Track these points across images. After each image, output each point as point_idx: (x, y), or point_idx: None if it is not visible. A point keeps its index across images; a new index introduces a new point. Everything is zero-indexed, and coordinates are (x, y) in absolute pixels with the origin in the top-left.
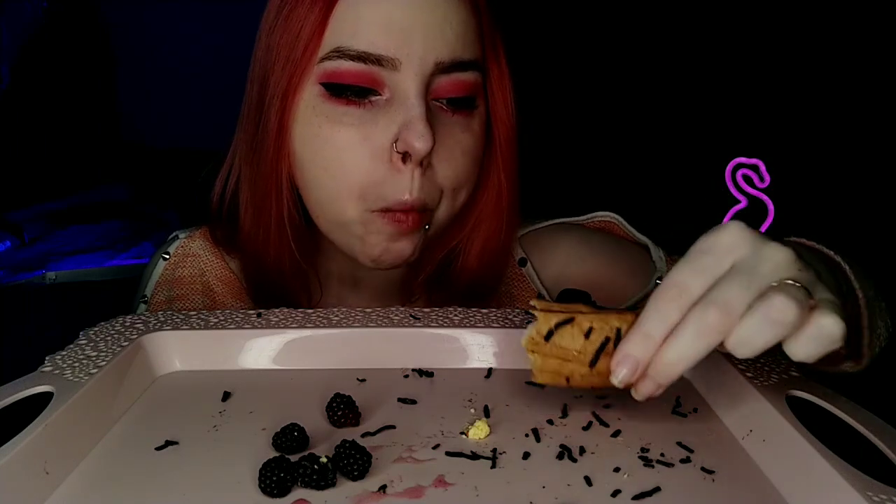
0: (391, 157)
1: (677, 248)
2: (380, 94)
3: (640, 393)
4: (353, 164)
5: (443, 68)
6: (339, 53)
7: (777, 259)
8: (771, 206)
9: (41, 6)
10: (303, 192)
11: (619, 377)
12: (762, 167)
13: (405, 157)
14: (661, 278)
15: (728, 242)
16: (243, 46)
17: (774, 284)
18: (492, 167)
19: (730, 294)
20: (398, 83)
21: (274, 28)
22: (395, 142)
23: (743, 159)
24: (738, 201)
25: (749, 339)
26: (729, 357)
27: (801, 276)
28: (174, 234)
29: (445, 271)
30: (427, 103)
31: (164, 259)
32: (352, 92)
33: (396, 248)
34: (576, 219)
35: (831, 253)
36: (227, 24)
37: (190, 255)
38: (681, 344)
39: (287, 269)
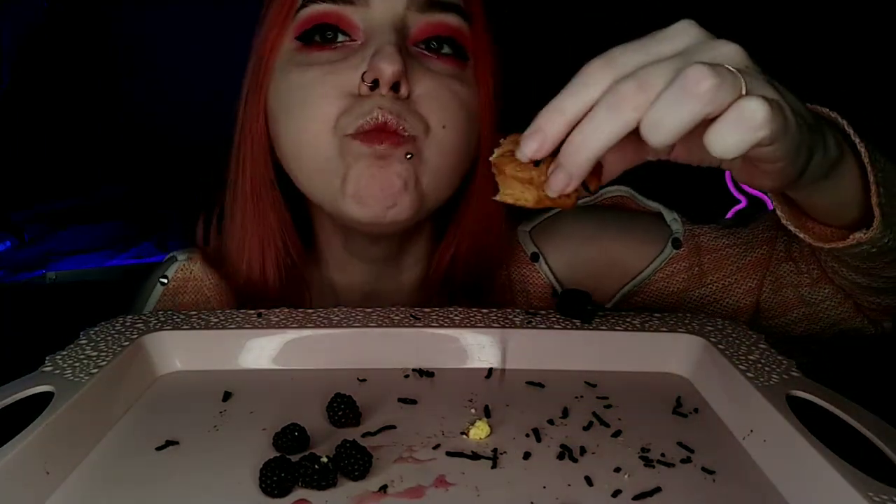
0: (359, 90)
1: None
2: (353, 39)
3: (552, 187)
4: (319, 98)
5: (417, 5)
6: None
7: (723, 50)
8: (771, 206)
9: (41, 6)
10: (279, 150)
11: (525, 150)
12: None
13: (374, 85)
14: (677, 240)
15: (675, 31)
16: (243, 46)
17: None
18: (479, 146)
19: (652, 69)
20: (371, 21)
21: (266, 12)
22: (364, 74)
23: None
24: (738, 201)
25: (661, 119)
26: (729, 357)
27: (743, 69)
28: (171, 255)
29: (453, 270)
30: (403, 41)
31: (162, 284)
32: (323, 37)
33: (381, 178)
34: (585, 200)
35: (828, 111)
36: (227, 24)
37: (191, 279)
38: (591, 124)
39: (275, 285)
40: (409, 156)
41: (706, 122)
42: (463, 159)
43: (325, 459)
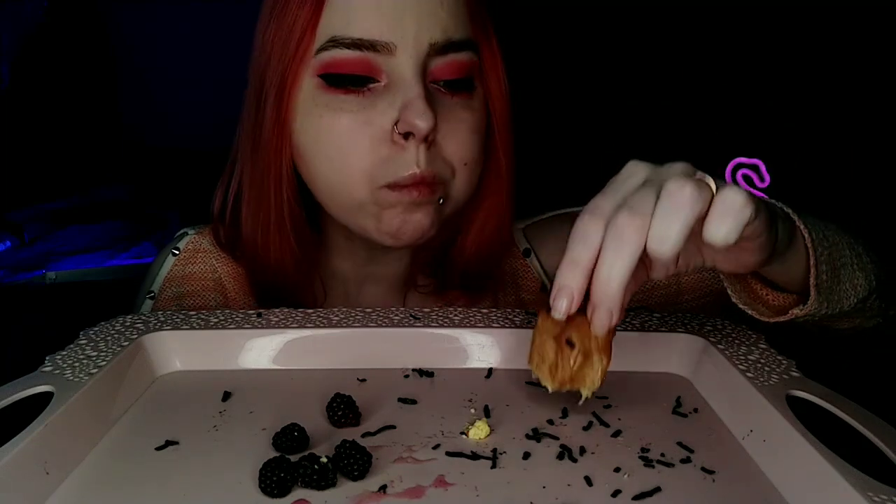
0: (393, 139)
1: None
2: (378, 81)
3: (597, 326)
4: (356, 149)
5: (437, 49)
6: (335, 43)
7: (676, 167)
8: None
9: (41, 6)
10: (310, 184)
11: (559, 309)
12: (762, 167)
13: (408, 137)
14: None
15: (629, 170)
16: (244, 46)
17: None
18: (490, 148)
19: (635, 198)
20: (394, 67)
21: (268, 25)
22: (396, 123)
23: (743, 159)
24: None
25: (663, 232)
26: (729, 357)
27: (700, 175)
28: (183, 230)
29: (447, 255)
30: (425, 85)
31: (174, 255)
32: (350, 81)
33: (414, 220)
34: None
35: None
36: (227, 24)
37: (201, 250)
38: (607, 259)
39: (290, 270)
40: (440, 200)
41: (696, 232)
42: (476, 179)
43: (324, 459)
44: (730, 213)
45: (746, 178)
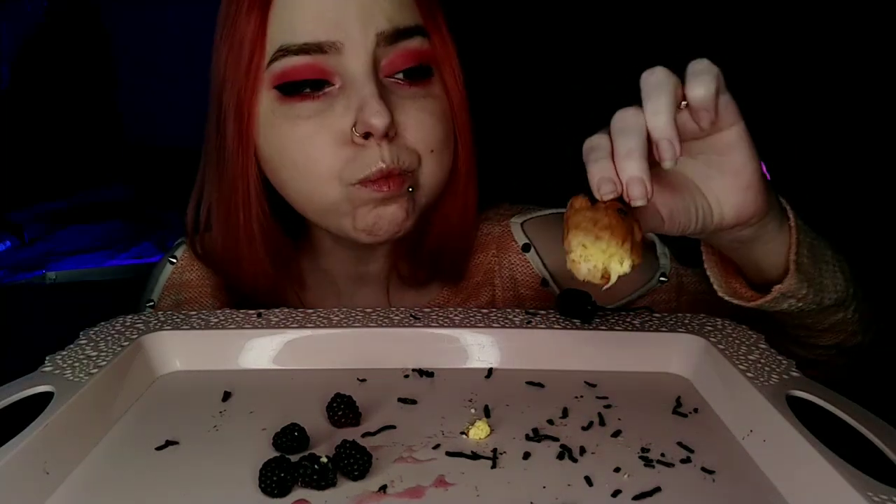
0: (353, 140)
1: (676, 248)
2: (332, 84)
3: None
4: (319, 153)
5: (386, 38)
6: (283, 52)
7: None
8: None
9: (41, 6)
10: (283, 194)
11: (606, 190)
12: (762, 167)
13: (367, 136)
14: (664, 275)
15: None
16: None
17: None
18: (459, 132)
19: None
20: (346, 67)
21: (221, 45)
22: (355, 125)
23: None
24: None
25: (655, 106)
26: (729, 357)
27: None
28: (181, 239)
29: (420, 241)
30: (379, 80)
31: (172, 263)
32: (304, 86)
33: (388, 214)
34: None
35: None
36: None
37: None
38: (627, 127)
39: (262, 283)
40: (410, 189)
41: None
42: (449, 164)
43: (324, 459)
44: (700, 70)
45: None
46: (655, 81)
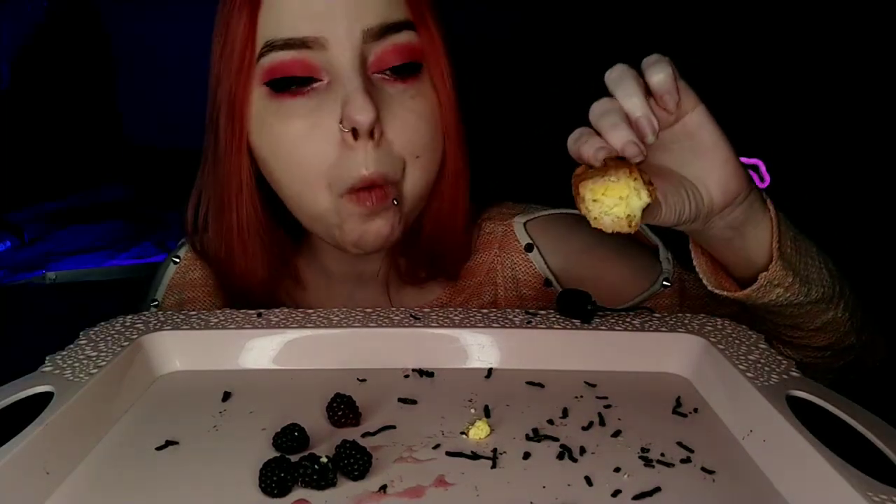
0: (343, 138)
1: (676, 249)
2: (320, 80)
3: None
4: (310, 154)
5: (373, 34)
6: (270, 47)
7: None
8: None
9: (41, 6)
10: (279, 194)
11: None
12: (762, 167)
13: (354, 133)
14: (667, 279)
15: None
16: None
17: None
18: (447, 132)
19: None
20: (333, 63)
21: (215, 42)
22: (342, 121)
23: (743, 159)
24: None
25: (625, 91)
26: (729, 357)
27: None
28: (184, 239)
29: (415, 238)
30: (367, 76)
31: (175, 263)
32: (292, 83)
33: (373, 229)
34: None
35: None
36: None
37: (200, 258)
38: (608, 116)
39: (255, 281)
40: (395, 202)
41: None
42: (435, 170)
43: (324, 459)
44: (654, 60)
45: None
46: (619, 73)
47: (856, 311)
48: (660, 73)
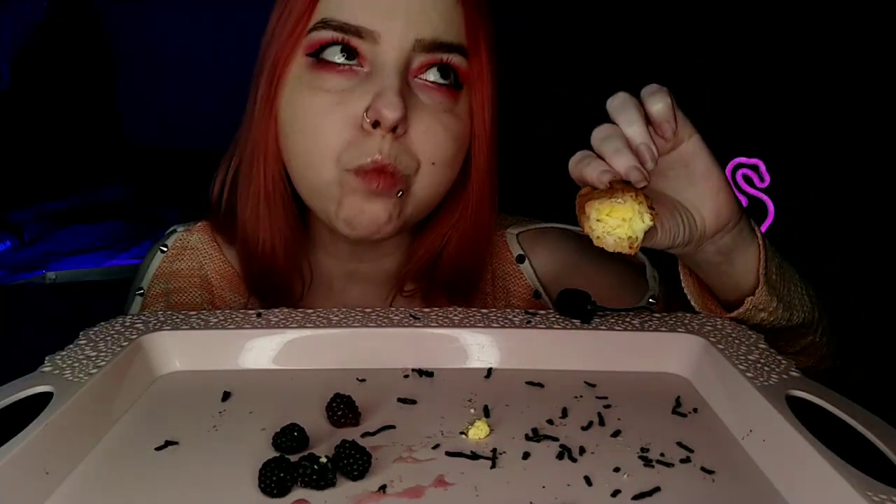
0: (362, 125)
1: (663, 269)
2: (361, 66)
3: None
4: (328, 128)
5: (423, 46)
6: (324, 24)
7: None
8: (771, 206)
9: (41, 6)
10: (286, 164)
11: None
12: (762, 167)
13: (376, 125)
14: (653, 297)
15: None
16: (243, 46)
17: None
18: (472, 163)
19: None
20: (377, 56)
21: (275, 11)
22: (367, 110)
23: (743, 159)
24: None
25: (627, 118)
26: (729, 357)
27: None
28: (172, 228)
29: (435, 263)
30: (406, 79)
31: (162, 252)
32: (336, 53)
33: (370, 211)
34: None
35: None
36: (227, 24)
37: (188, 248)
38: (610, 142)
39: (279, 252)
40: (399, 193)
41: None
42: (447, 183)
43: (324, 459)
44: (653, 90)
45: (746, 179)
46: (620, 101)
47: (833, 336)
48: (659, 103)
